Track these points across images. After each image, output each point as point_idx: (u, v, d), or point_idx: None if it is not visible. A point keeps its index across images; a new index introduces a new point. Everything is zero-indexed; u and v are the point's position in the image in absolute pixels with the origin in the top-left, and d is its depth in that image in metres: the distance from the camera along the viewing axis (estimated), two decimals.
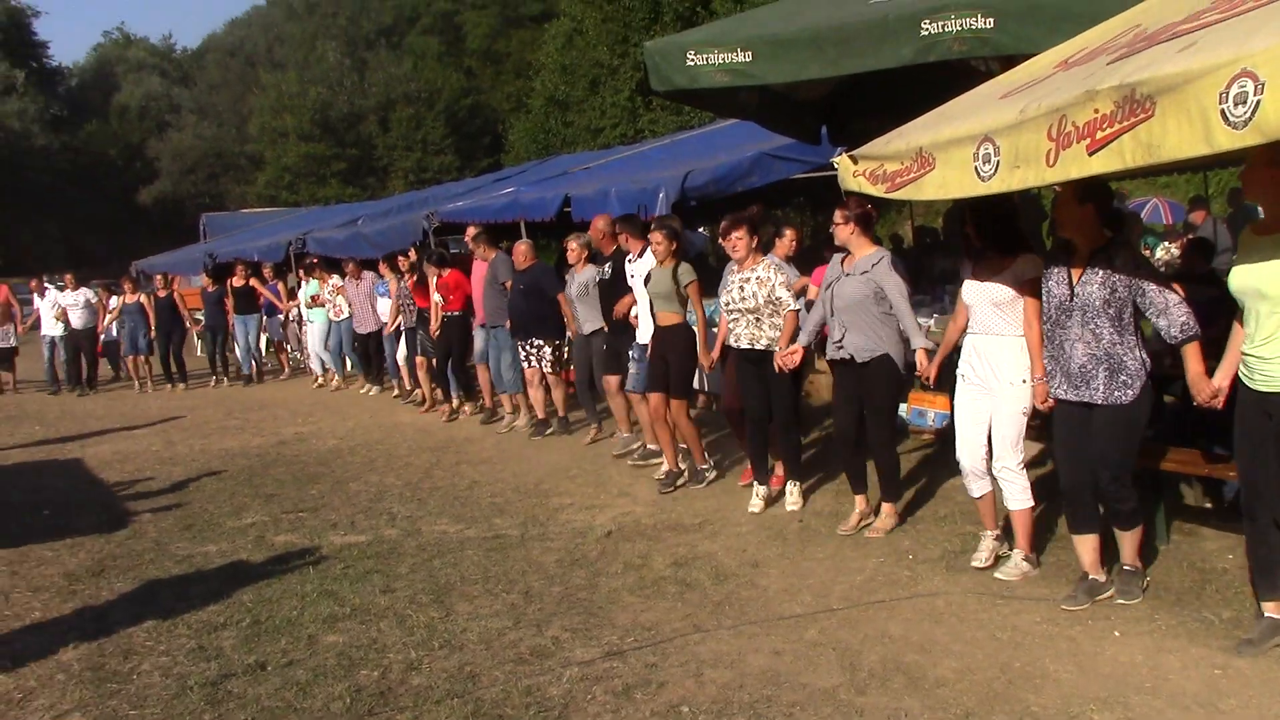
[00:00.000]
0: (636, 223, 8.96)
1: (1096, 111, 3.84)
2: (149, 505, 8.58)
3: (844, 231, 6.47)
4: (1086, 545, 5.13)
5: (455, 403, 12.22)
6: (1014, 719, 4.02)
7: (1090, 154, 3.91)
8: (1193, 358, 4.64)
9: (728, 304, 7.13)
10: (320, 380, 16.17)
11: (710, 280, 8.41)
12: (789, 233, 8.94)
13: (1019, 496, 5.60)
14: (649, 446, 8.81)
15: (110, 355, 18.78)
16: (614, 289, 9.01)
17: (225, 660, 5.10)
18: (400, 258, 12.97)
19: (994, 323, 5.56)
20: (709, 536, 6.77)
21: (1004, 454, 5.58)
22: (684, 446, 8.17)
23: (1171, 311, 4.67)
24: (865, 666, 4.57)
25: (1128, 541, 5.09)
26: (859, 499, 6.72)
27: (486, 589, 5.98)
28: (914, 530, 6.48)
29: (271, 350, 18.35)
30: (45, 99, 61.05)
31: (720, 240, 7.30)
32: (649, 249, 8.13)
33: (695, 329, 7.85)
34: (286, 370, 18.09)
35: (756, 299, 6.95)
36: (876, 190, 5.32)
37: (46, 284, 18.45)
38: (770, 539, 6.60)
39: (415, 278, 12.20)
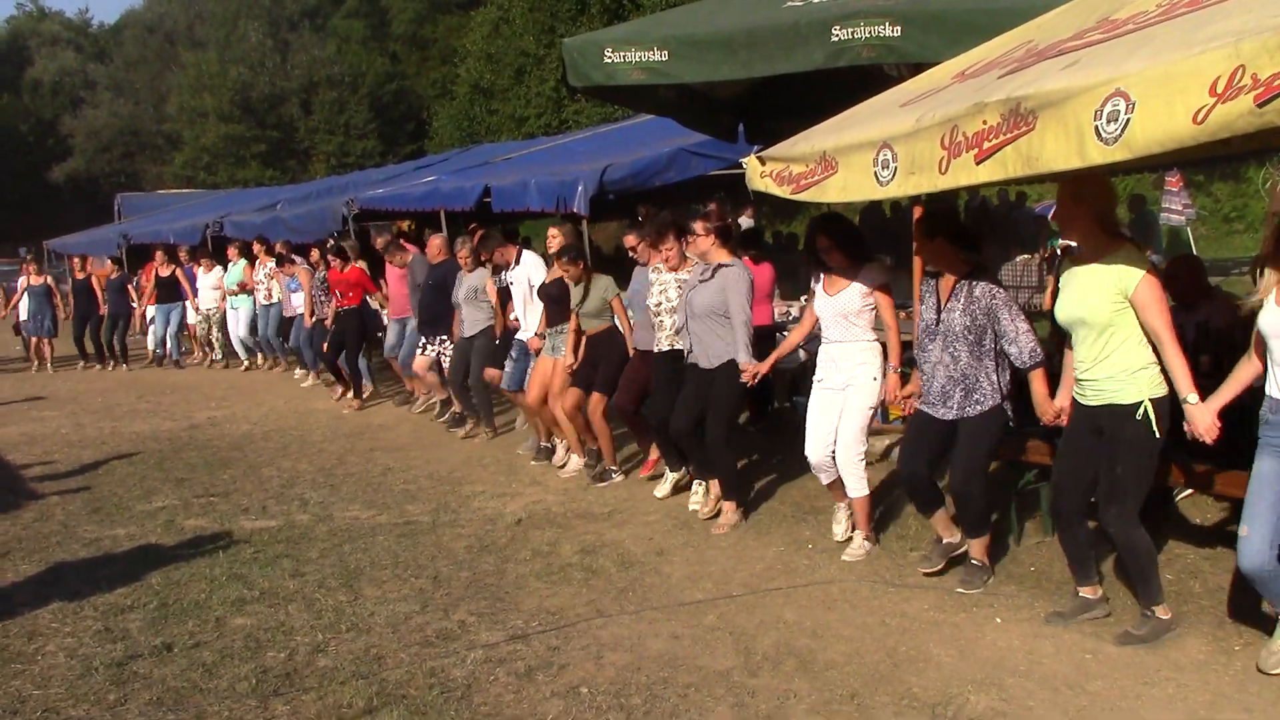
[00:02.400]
0: (499, 236, 9.43)
1: (985, 123, 4.04)
2: (56, 487, 8.51)
3: (704, 242, 6.62)
4: (936, 519, 5.54)
5: (365, 391, 12.31)
6: (896, 699, 4.21)
7: (978, 163, 4.11)
8: (1038, 381, 5.05)
9: (659, 304, 7.11)
10: (247, 364, 16.13)
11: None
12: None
13: (857, 486, 6.00)
14: (543, 444, 8.85)
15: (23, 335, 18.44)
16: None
17: (131, 642, 5.13)
18: (314, 249, 13.04)
19: (845, 331, 5.97)
20: (617, 525, 6.91)
21: (846, 446, 5.96)
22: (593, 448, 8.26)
23: (1020, 340, 5.07)
24: (759, 650, 4.75)
25: (974, 547, 5.45)
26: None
27: (396, 574, 6.07)
28: (814, 521, 6.67)
29: (187, 337, 18.11)
30: None
31: (650, 248, 7.27)
32: (523, 257, 8.86)
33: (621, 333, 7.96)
34: (197, 355, 17.88)
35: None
36: (782, 191, 5.49)
37: None
38: (676, 528, 6.76)
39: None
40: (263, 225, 16.51)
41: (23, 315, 17.68)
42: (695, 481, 7.35)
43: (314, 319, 12.99)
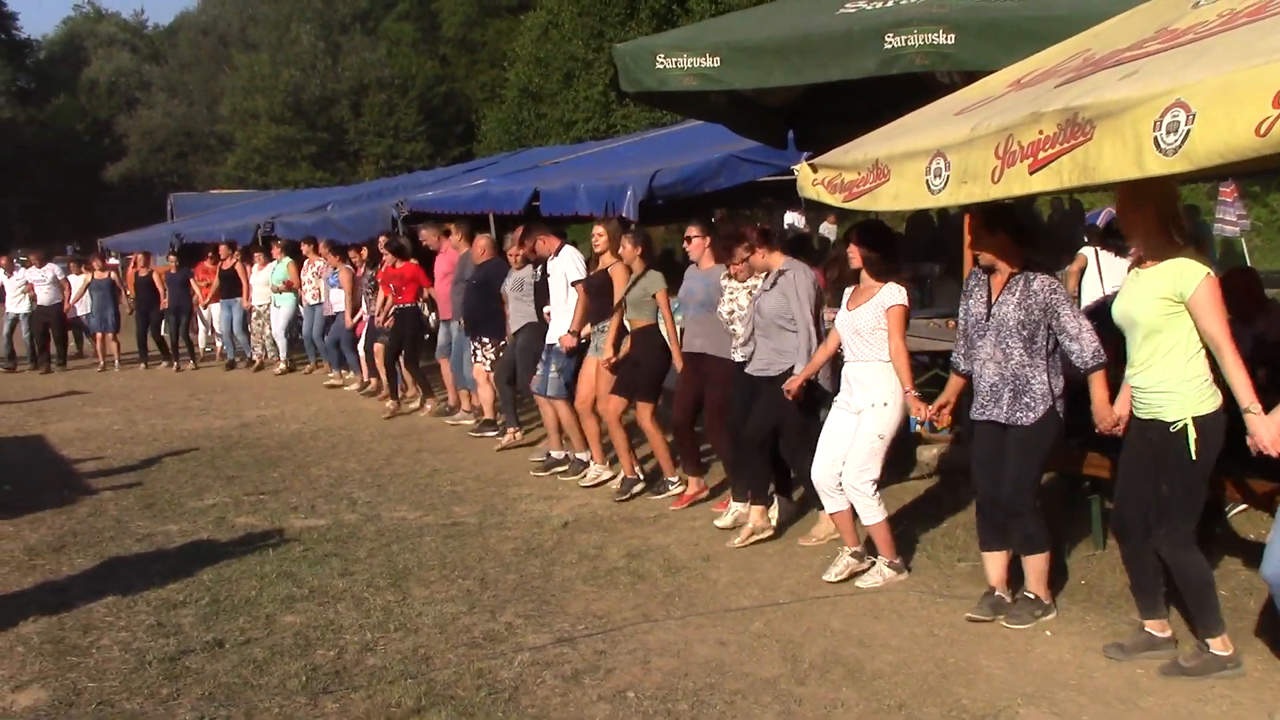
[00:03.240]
0: (543, 227, 9.15)
1: (1041, 133, 4.01)
2: (110, 483, 8.65)
3: (756, 259, 6.62)
4: (993, 562, 5.22)
5: (412, 393, 12.20)
6: (945, 711, 4.20)
7: (1031, 173, 4.08)
8: (1098, 385, 4.81)
9: (730, 313, 6.92)
10: (284, 367, 16.13)
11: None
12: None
13: (870, 513, 5.74)
14: (578, 456, 8.57)
15: (77, 332, 18.71)
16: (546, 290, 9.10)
17: (184, 637, 5.21)
18: (352, 251, 13.14)
19: (859, 349, 5.77)
20: (663, 530, 6.93)
21: (853, 472, 5.72)
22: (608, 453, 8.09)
23: (1083, 337, 4.85)
24: (806, 658, 4.74)
25: (1030, 567, 5.11)
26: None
27: (443, 575, 6.12)
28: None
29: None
30: (12, 71, 60.40)
31: (724, 263, 7.06)
32: (563, 249, 8.58)
33: (665, 332, 7.78)
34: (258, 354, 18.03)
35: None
36: (833, 199, 5.47)
37: (17, 263, 18.32)
38: (723, 534, 6.75)
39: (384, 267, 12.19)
40: (313, 226, 16.64)
41: (80, 310, 17.93)
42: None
43: (354, 318, 13.11)
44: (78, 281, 17.66)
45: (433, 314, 12.62)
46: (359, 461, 9.37)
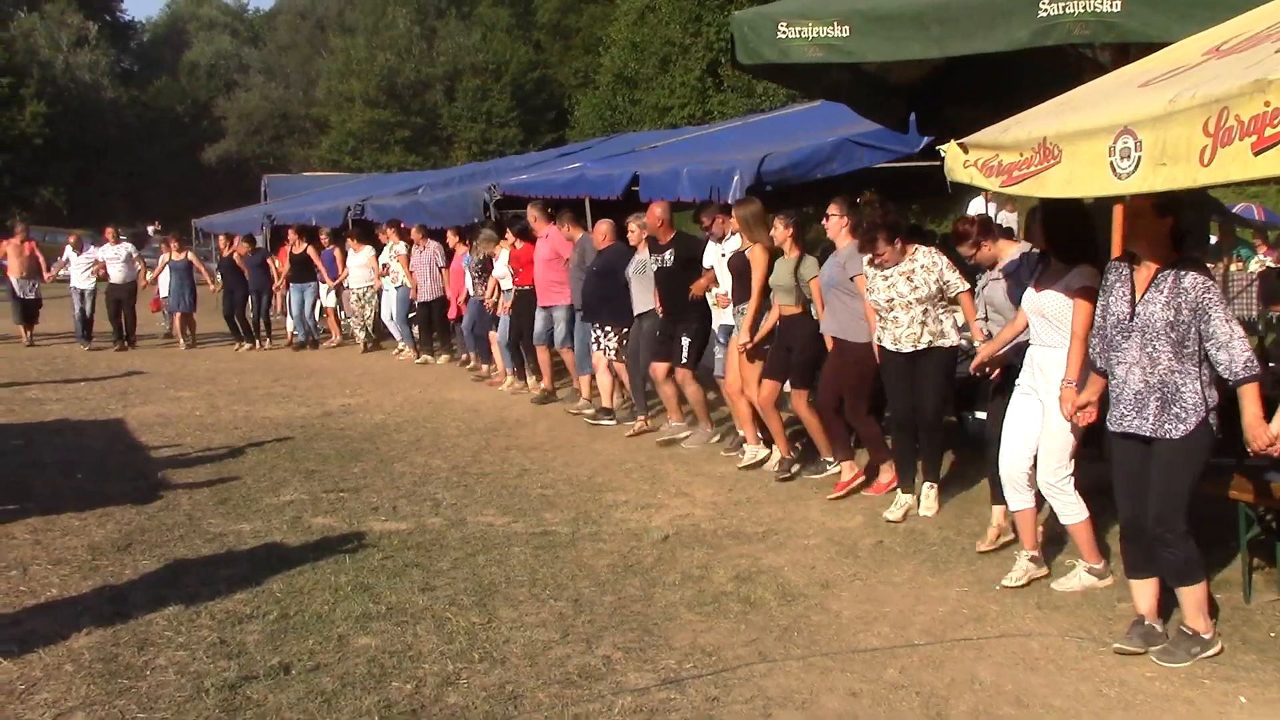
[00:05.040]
0: (715, 205, 8.93)
1: (1267, 104, 3.30)
2: (185, 476, 8.21)
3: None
4: (1142, 590, 4.70)
5: (529, 380, 12.07)
6: None
7: (1256, 153, 3.36)
8: (1250, 399, 4.21)
9: (890, 300, 6.74)
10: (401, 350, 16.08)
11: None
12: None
13: (1068, 511, 5.35)
14: (739, 433, 8.58)
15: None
16: (676, 275, 8.91)
17: (247, 659, 4.69)
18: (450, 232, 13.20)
19: (1045, 334, 5.31)
20: (774, 548, 6.28)
21: (1048, 467, 5.32)
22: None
23: (1233, 346, 4.25)
24: (953, 717, 4.08)
25: (1184, 599, 4.56)
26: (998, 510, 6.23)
27: (533, 593, 5.54)
28: (998, 557, 5.93)
29: (323, 317, 18.05)
30: (116, 53, 61.56)
31: (868, 251, 6.84)
32: (739, 233, 8.18)
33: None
34: (336, 337, 17.83)
35: (928, 287, 6.68)
36: (991, 183, 4.77)
37: (89, 242, 18.34)
38: (841, 556, 6.10)
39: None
40: (403, 209, 16.32)
41: (163, 291, 17.87)
42: (925, 485, 6.96)
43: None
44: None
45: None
46: (444, 458, 8.84)
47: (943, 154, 5.16)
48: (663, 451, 8.89)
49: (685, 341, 8.86)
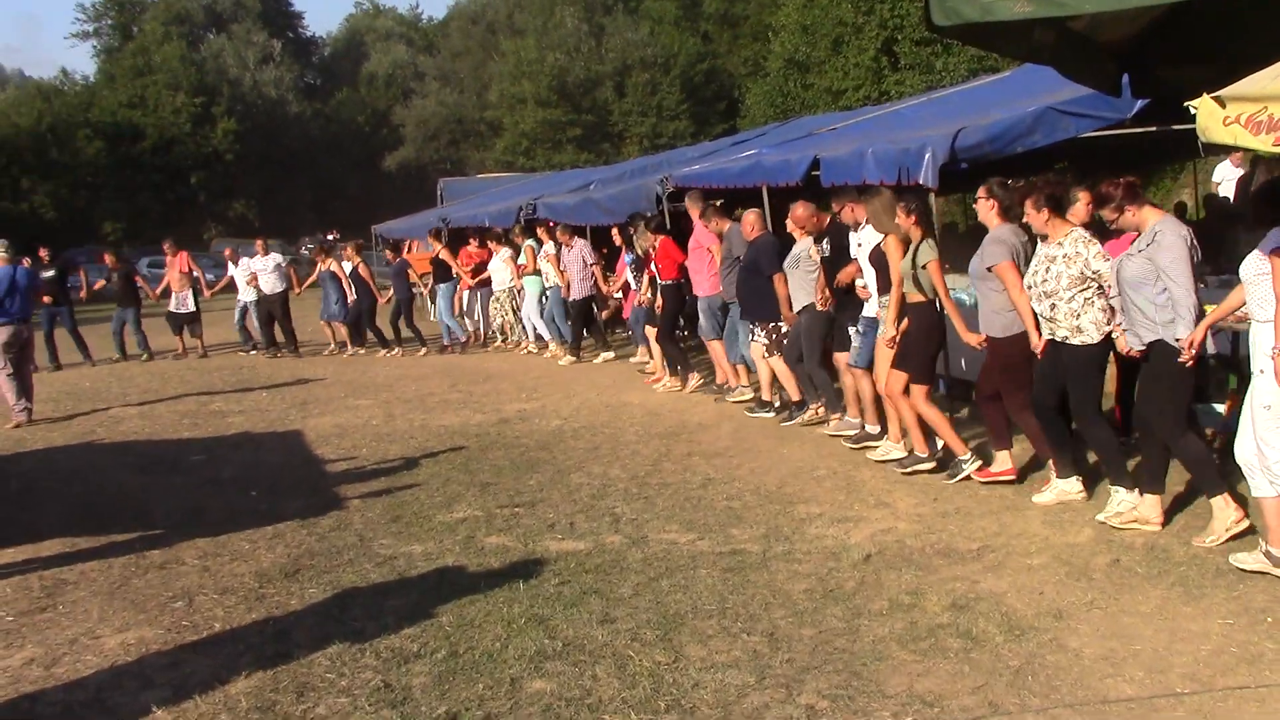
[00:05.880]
0: (852, 191, 8.61)
1: None
2: (358, 490, 7.95)
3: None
4: None
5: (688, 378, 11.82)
6: None
7: None
8: None
9: (1029, 286, 6.36)
10: (533, 350, 16.15)
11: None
12: (1082, 196, 7.53)
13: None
14: (868, 428, 8.45)
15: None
16: (835, 265, 8.68)
17: (412, 707, 4.27)
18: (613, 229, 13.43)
19: (1251, 304, 5.00)
20: (992, 569, 5.56)
21: (1259, 450, 4.90)
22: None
23: None
24: None
25: None
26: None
27: (723, 626, 4.97)
28: (1265, 580, 5.08)
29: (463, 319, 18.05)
30: (300, 68, 63.84)
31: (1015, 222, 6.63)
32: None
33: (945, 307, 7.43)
34: (473, 339, 17.94)
35: (1059, 280, 5.97)
36: (1259, 142, 4.01)
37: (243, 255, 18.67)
38: (1071, 578, 5.34)
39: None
40: (575, 206, 15.99)
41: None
42: (1116, 489, 6.26)
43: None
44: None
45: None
46: (623, 467, 8.35)
47: (1193, 110, 4.39)
48: (856, 456, 8.22)
49: (851, 331, 8.54)
